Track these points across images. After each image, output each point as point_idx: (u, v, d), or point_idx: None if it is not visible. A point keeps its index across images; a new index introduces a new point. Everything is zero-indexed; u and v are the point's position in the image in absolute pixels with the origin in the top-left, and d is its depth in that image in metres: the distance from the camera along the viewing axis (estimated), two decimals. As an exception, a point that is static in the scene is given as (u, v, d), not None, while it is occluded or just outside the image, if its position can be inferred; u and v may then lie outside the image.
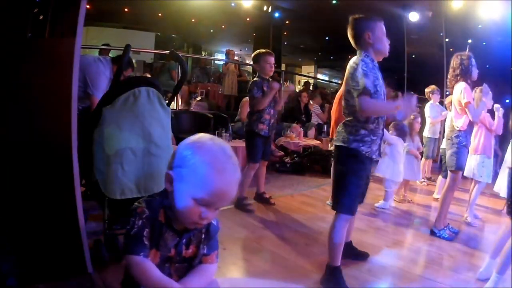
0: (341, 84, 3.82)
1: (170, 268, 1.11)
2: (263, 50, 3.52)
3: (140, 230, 1.05)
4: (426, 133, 5.01)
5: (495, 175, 3.59)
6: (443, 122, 4.82)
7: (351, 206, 2.08)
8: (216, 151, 1.03)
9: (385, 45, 2.07)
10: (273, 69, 3.46)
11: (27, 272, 1.60)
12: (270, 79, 3.47)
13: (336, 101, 3.81)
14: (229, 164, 1.03)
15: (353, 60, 2.04)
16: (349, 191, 2.05)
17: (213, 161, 1.01)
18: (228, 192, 1.03)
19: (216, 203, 1.04)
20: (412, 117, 4.25)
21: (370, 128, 2.02)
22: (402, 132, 3.83)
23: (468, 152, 3.11)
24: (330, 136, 3.91)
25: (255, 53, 3.54)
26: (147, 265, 1.04)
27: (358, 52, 2.08)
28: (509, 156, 2.18)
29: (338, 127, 2.14)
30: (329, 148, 4.07)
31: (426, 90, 5.19)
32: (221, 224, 1.20)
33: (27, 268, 1.60)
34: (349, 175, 2.04)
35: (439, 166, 4.86)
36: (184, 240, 1.11)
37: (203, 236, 1.15)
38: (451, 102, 4.21)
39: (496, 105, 3.40)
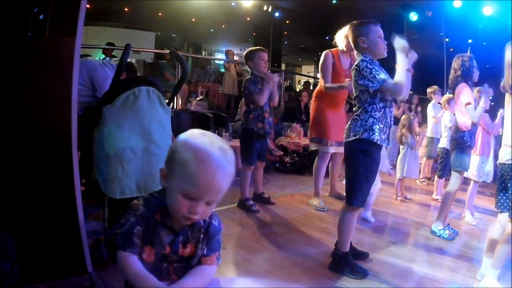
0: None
1: (168, 268, 1.10)
2: (256, 47, 3.51)
3: (131, 227, 1.06)
4: (429, 133, 5.00)
5: (495, 174, 3.59)
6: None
7: (362, 199, 2.23)
8: (203, 144, 1.02)
9: (381, 47, 2.19)
10: (267, 65, 3.43)
11: (27, 272, 1.60)
12: (265, 75, 3.41)
13: (314, 98, 3.77)
14: (214, 157, 1.00)
15: (354, 64, 2.20)
16: (360, 185, 2.19)
17: (198, 154, 1.00)
18: (213, 185, 1.00)
19: (203, 196, 1.01)
20: (411, 117, 4.26)
21: (377, 116, 2.15)
22: None
23: (471, 153, 3.13)
24: (309, 136, 3.80)
25: (247, 50, 3.52)
26: (132, 260, 1.05)
27: (357, 55, 2.25)
28: (501, 152, 2.22)
29: (347, 125, 2.27)
30: (311, 149, 3.95)
31: (428, 90, 5.20)
32: (223, 225, 1.18)
33: (27, 267, 1.60)
34: (361, 170, 2.17)
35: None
36: (180, 238, 1.10)
37: (201, 235, 1.13)
38: (446, 101, 4.23)
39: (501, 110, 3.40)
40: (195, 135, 1.06)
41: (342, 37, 3.41)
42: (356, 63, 2.18)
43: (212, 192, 1.02)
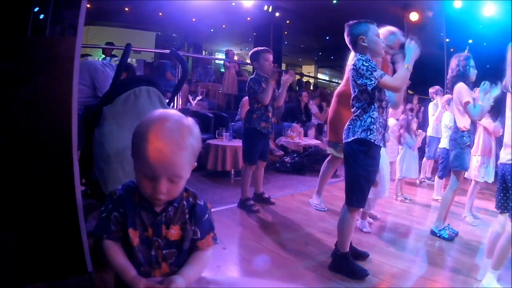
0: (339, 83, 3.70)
1: (157, 256, 1.08)
2: (261, 48, 3.52)
3: (108, 214, 1.06)
4: (429, 132, 5.00)
5: (496, 175, 3.59)
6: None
7: (362, 200, 2.23)
8: (150, 121, 1.01)
9: (380, 46, 2.21)
10: (272, 66, 3.45)
11: (27, 271, 1.60)
12: (268, 75, 3.44)
13: (334, 98, 3.56)
14: (158, 131, 0.98)
15: (351, 64, 2.20)
16: (361, 186, 2.19)
17: (143, 130, 0.99)
18: (160, 159, 0.97)
19: (159, 173, 0.98)
20: (409, 117, 4.26)
21: (374, 116, 2.14)
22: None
23: (471, 153, 3.12)
24: (328, 138, 3.63)
25: (253, 51, 3.54)
26: (112, 247, 1.06)
27: (355, 55, 2.24)
28: (501, 152, 2.22)
29: (345, 126, 2.27)
30: (328, 152, 3.75)
31: (430, 90, 5.20)
32: (215, 219, 1.16)
33: (27, 267, 1.60)
34: (361, 171, 2.18)
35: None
36: (162, 219, 1.07)
37: (187, 216, 1.10)
38: (446, 101, 4.22)
39: None
40: (151, 115, 1.04)
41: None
42: (353, 63, 2.17)
43: (165, 168, 0.98)
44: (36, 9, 1.84)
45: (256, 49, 3.53)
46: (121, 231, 1.07)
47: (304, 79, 12.46)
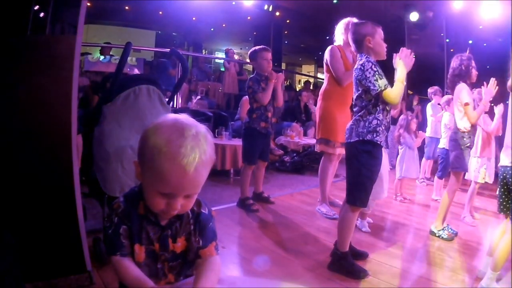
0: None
1: (163, 269, 1.05)
2: (259, 47, 3.50)
3: (116, 228, 1.00)
4: (428, 133, 5.00)
5: (496, 175, 3.59)
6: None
7: (365, 200, 2.23)
8: (170, 134, 0.90)
9: (384, 49, 2.24)
10: (270, 65, 3.42)
11: (27, 270, 1.60)
12: (269, 74, 3.44)
13: (320, 98, 3.52)
14: (183, 148, 0.89)
15: (358, 63, 2.19)
16: (365, 186, 2.20)
17: (166, 149, 0.89)
18: (187, 181, 0.91)
19: (179, 193, 0.93)
20: (409, 117, 4.26)
21: (380, 118, 2.16)
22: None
23: (471, 154, 3.12)
24: (316, 137, 3.55)
25: (251, 50, 3.52)
26: (124, 264, 0.99)
27: (358, 55, 2.25)
28: (502, 154, 2.20)
29: (348, 125, 2.27)
30: (316, 150, 3.63)
31: (429, 90, 5.21)
32: (215, 218, 1.12)
33: (27, 266, 1.60)
34: (364, 171, 2.18)
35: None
36: (169, 233, 1.03)
37: (192, 226, 1.05)
38: (446, 102, 4.22)
39: (499, 107, 3.39)
40: (164, 124, 0.94)
41: (342, 31, 3.35)
42: (361, 62, 2.17)
43: (188, 188, 0.94)
44: (36, 7, 1.84)
45: (254, 48, 3.51)
46: (131, 245, 1.02)
47: (304, 78, 12.46)
